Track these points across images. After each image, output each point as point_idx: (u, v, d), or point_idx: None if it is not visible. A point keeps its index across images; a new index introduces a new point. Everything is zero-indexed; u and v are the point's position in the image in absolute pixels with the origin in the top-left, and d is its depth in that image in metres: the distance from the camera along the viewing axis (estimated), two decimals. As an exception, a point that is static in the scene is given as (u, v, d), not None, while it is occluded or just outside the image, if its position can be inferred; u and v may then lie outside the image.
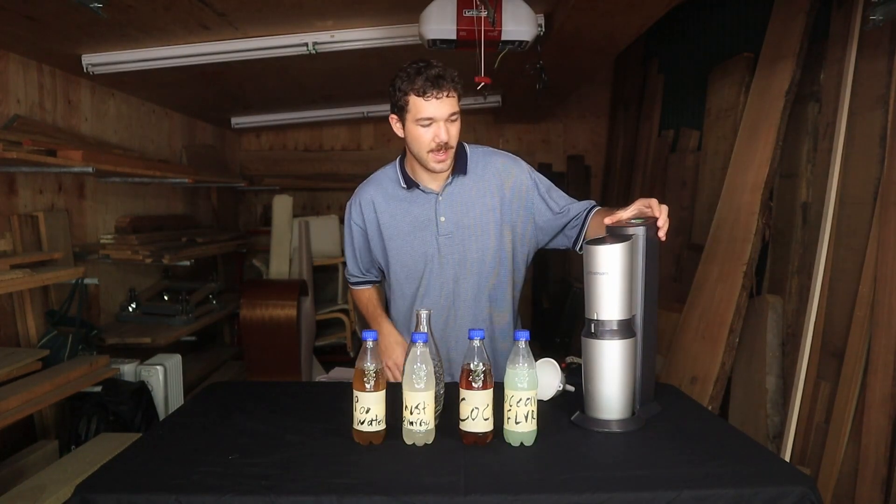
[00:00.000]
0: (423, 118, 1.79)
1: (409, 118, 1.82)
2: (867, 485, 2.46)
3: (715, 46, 4.15)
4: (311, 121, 5.93)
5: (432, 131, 1.80)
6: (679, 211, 4.40)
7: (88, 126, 3.75)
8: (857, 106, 2.78)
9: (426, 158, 1.84)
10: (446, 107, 1.78)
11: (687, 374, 3.50)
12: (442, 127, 1.79)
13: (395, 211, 1.96)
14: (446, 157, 1.83)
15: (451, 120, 1.80)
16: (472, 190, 1.93)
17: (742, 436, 1.55)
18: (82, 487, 1.23)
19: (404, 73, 1.81)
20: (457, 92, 1.80)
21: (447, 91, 1.77)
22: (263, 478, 1.26)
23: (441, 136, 1.79)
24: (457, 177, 1.92)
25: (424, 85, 1.76)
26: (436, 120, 1.79)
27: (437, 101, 1.77)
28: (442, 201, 1.92)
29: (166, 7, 2.83)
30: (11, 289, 2.65)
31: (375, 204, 1.98)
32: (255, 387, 2.16)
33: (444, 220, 1.91)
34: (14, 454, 2.77)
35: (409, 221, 1.94)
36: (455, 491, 1.22)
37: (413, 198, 1.94)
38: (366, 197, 2.00)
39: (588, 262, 1.52)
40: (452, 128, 1.82)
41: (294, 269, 4.85)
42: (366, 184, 2.04)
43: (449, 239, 1.92)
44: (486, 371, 1.41)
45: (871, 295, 2.58)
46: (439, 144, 1.80)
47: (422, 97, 1.77)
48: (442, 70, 1.78)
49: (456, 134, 1.83)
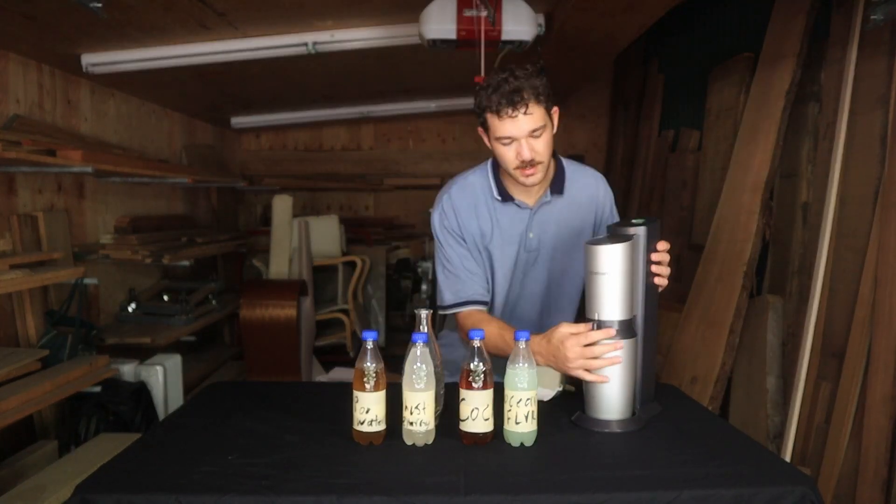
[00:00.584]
0: (503, 137, 1.67)
1: (490, 136, 1.71)
2: (867, 485, 2.46)
3: (715, 46, 4.15)
4: (311, 121, 5.94)
5: (514, 150, 1.67)
6: (679, 211, 4.40)
7: (88, 126, 3.74)
8: (857, 106, 2.78)
9: (514, 174, 1.72)
10: (526, 124, 1.64)
11: (687, 374, 3.50)
12: (524, 145, 1.66)
13: (487, 221, 1.83)
14: (534, 171, 1.70)
15: (533, 136, 1.66)
16: (565, 210, 1.83)
17: (742, 436, 1.55)
18: (82, 487, 1.23)
19: (483, 88, 1.68)
20: (540, 104, 1.65)
21: (524, 108, 1.63)
22: (263, 478, 1.26)
23: (524, 154, 1.66)
24: (554, 195, 1.81)
25: (500, 103, 1.63)
26: (516, 138, 1.66)
27: (512, 120, 1.64)
28: (535, 217, 1.82)
29: (166, 7, 2.83)
30: (11, 289, 2.65)
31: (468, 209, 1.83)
32: (255, 387, 2.16)
33: (532, 237, 1.83)
34: (14, 454, 2.77)
35: (500, 234, 1.83)
36: (455, 491, 1.22)
37: (506, 210, 1.82)
38: (459, 201, 1.83)
39: (588, 262, 1.52)
40: (537, 143, 1.67)
41: (294, 269, 4.85)
42: (454, 188, 1.86)
43: (531, 256, 1.84)
44: (486, 371, 1.41)
45: (871, 295, 2.58)
46: (523, 162, 1.68)
47: (498, 116, 1.65)
48: (521, 83, 1.63)
49: (543, 149, 1.68)
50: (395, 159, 6.59)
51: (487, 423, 1.43)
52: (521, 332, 1.45)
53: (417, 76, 4.58)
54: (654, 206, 4.83)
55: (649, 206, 4.86)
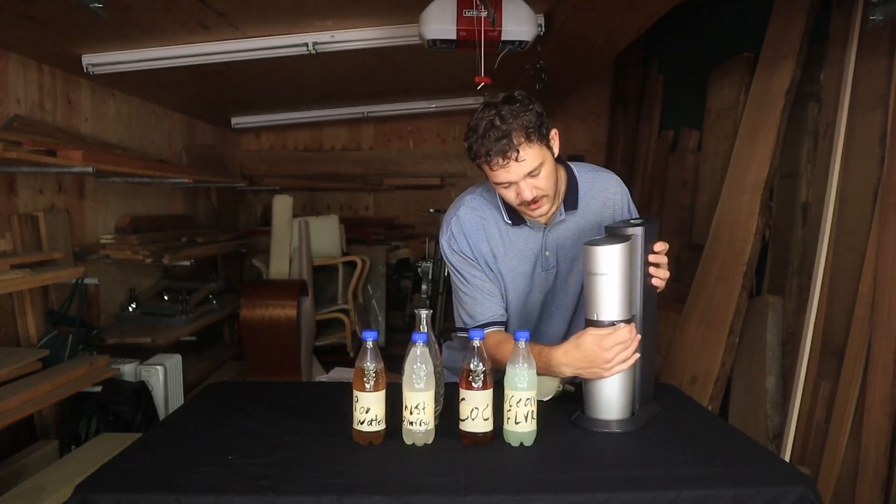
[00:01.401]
0: (500, 183, 1.62)
1: (489, 178, 1.65)
2: (867, 485, 2.46)
3: (715, 46, 4.15)
4: (311, 121, 5.94)
5: (513, 191, 1.62)
6: (679, 211, 4.40)
7: (88, 126, 3.75)
8: (857, 106, 2.78)
9: (521, 210, 1.68)
10: (520, 169, 1.57)
11: (687, 374, 3.50)
12: (523, 187, 1.59)
13: (499, 242, 1.77)
14: (539, 205, 1.64)
15: (531, 176, 1.59)
16: (581, 222, 1.78)
17: (742, 436, 1.55)
18: (82, 487, 1.23)
19: (471, 130, 1.59)
20: (533, 143, 1.56)
21: (515, 153, 1.55)
22: (263, 478, 1.26)
23: (524, 195, 1.60)
24: (568, 212, 1.75)
25: (489, 152, 1.56)
26: (513, 182, 1.60)
27: (505, 168, 1.57)
28: (549, 235, 1.76)
29: (166, 7, 2.83)
30: (11, 289, 2.65)
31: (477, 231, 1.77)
32: (255, 387, 2.16)
33: (549, 255, 1.77)
34: (14, 454, 2.77)
35: (514, 254, 1.77)
36: (455, 491, 1.22)
37: (518, 232, 1.76)
38: (468, 224, 1.77)
39: (587, 263, 1.52)
40: (539, 181, 1.60)
41: (294, 269, 4.85)
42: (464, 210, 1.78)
43: (550, 273, 1.79)
44: (485, 371, 1.41)
45: (871, 295, 2.58)
46: (525, 202, 1.63)
47: (489, 168, 1.59)
48: (508, 125, 1.54)
49: (545, 184, 1.61)
50: (395, 159, 6.59)
51: (487, 423, 1.43)
52: (520, 332, 1.45)
53: (417, 76, 4.58)
54: (654, 206, 4.83)
55: (649, 206, 4.87)
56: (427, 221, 6.36)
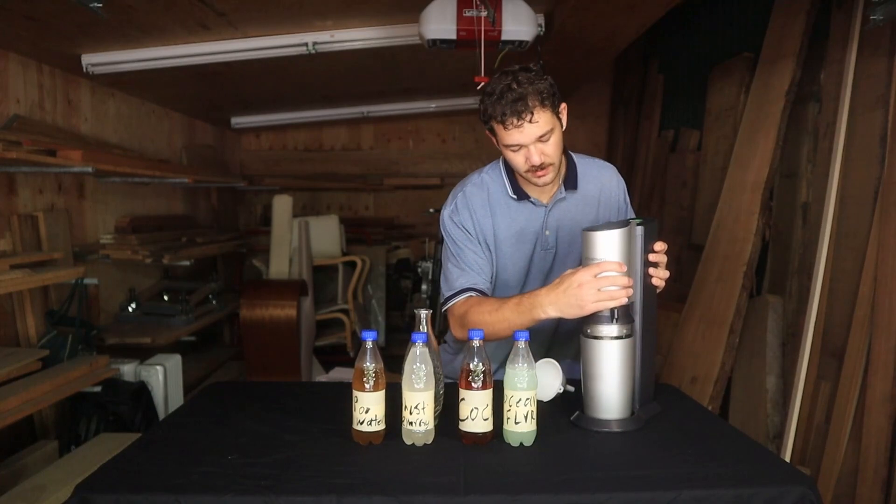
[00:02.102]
0: (511, 145, 1.66)
1: (499, 141, 1.70)
2: (867, 485, 2.46)
3: (715, 46, 4.15)
4: (311, 121, 5.94)
5: (523, 155, 1.66)
6: (679, 211, 4.40)
7: (88, 126, 3.75)
8: (857, 106, 2.78)
9: (526, 176, 1.73)
10: (533, 131, 1.62)
11: (687, 374, 3.50)
12: (532, 150, 1.65)
13: (502, 219, 1.80)
14: (545, 172, 1.69)
15: (541, 140, 1.65)
16: (580, 205, 1.83)
17: (742, 436, 1.55)
18: (82, 487, 1.23)
19: (486, 94, 1.65)
20: (546, 108, 1.62)
21: (529, 115, 1.61)
22: (263, 478, 1.26)
23: (533, 159, 1.65)
24: (568, 191, 1.81)
25: (504, 113, 1.61)
26: (524, 145, 1.65)
27: (518, 129, 1.62)
28: (550, 214, 1.80)
29: (166, 7, 2.83)
30: (11, 289, 2.65)
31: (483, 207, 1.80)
32: (255, 387, 2.16)
33: (549, 234, 1.82)
34: (14, 454, 2.77)
35: (515, 232, 1.80)
36: (455, 491, 1.22)
37: (521, 208, 1.80)
38: (474, 199, 1.80)
39: (586, 249, 1.52)
40: (547, 147, 1.66)
41: (294, 269, 4.85)
42: (468, 186, 1.83)
43: (548, 253, 1.82)
44: (485, 371, 1.41)
45: (871, 295, 2.58)
46: (534, 166, 1.67)
47: (503, 126, 1.63)
48: (524, 89, 1.60)
49: (553, 151, 1.67)
50: (395, 159, 6.59)
51: (487, 422, 1.43)
52: (520, 332, 1.45)
53: (417, 76, 4.58)
54: (654, 206, 4.83)
55: (649, 206, 4.87)
56: (427, 221, 6.36)
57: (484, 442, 1.43)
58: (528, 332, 1.46)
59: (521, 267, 1.83)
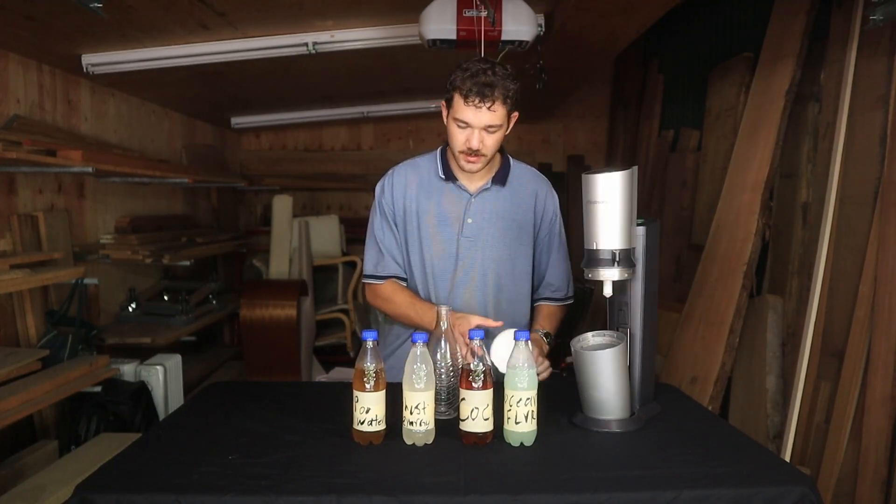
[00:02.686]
0: (460, 120, 1.76)
1: (451, 113, 1.78)
2: (867, 485, 2.46)
3: (715, 46, 4.15)
4: (311, 121, 5.93)
5: (465, 135, 1.77)
6: (679, 211, 4.40)
7: (88, 126, 3.74)
8: (857, 106, 2.78)
9: (458, 157, 1.82)
10: (485, 117, 1.73)
11: (687, 374, 3.50)
12: (475, 134, 1.75)
13: (426, 199, 1.91)
14: (476, 160, 1.80)
15: (488, 130, 1.76)
16: (506, 201, 1.91)
17: (742, 436, 1.55)
18: (82, 487, 1.23)
19: (461, 69, 1.76)
20: (505, 106, 1.74)
21: (490, 103, 1.71)
22: (263, 478, 1.26)
23: (472, 142, 1.76)
24: (495, 185, 1.90)
25: (471, 89, 1.71)
26: (472, 126, 1.75)
27: (476, 109, 1.72)
28: (474, 203, 1.89)
29: (166, 7, 2.83)
30: (11, 289, 2.65)
31: (408, 186, 1.91)
32: (255, 387, 2.16)
33: (471, 222, 1.89)
34: (14, 454, 2.77)
35: (436, 214, 1.90)
36: (455, 491, 1.22)
37: (447, 190, 1.90)
38: (400, 178, 1.93)
39: (587, 192, 1.51)
40: (488, 138, 1.77)
41: (294, 269, 4.85)
42: (402, 165, 1.97)
43: (471, 242, 1.89)
44: (485, 371, 1.41)
45: (871, 295, 2.58)
46: (469, 149, 1.77)
47: (464, 100, 1.73)
48: (495, 80, 1.72)
49: (492, 145, 1.78)
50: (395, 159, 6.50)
51: (487, 422, 1.43)
52: (521, 332, 1.45)
53: (417, 76, 4.58)
54: (654, 206, 4.83)
55: (649, 206, 4.87)
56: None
57: (484, 442, 1.43)
58: (527, 332, 1.46)
59: (443, 249, 1.90)
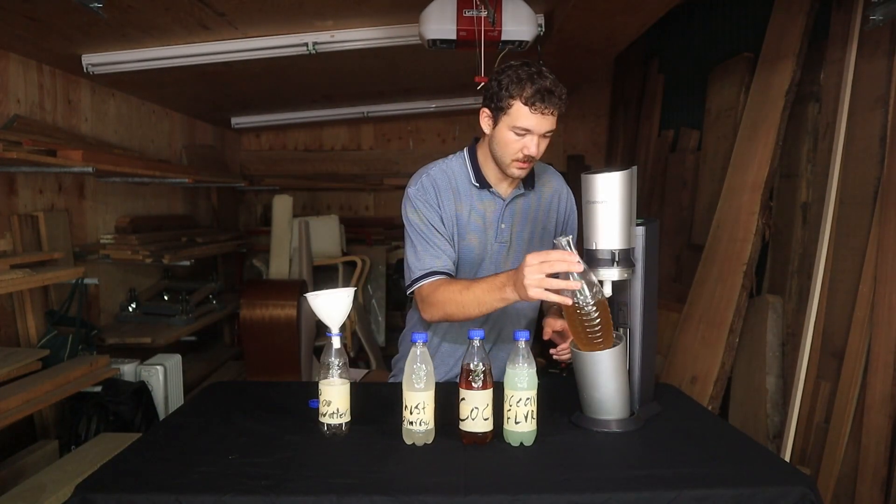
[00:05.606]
0: (521, 128, 1.69)
1: (505, 121, 1.71)
2: (867, 485, 2.46)
3: (715, 46, 4.15)
4: (311, 121, 5.93)
5: (524, 142, 1.70)
6: (679, 211, 4.40)
7: (88, 126, 3.74)
8: (857, 106, 2.78)
9: (508, 164, 1.75)
10: (547, 123, 1.69)
11: (687, 374, 3.50)
12: (535, 141, 1.70)
13: (464, 205, 1.84)
14: (529, 166, 1.76)
15: (545, 136, 1.72)
16: (534, 203, 1.90)
17: (742, 436, 1.55)
18: (82, 487, 1.23)
19: (515, 73, 1.68)
20: (560, 110, 1.70)
21: (552, 109, 1.67)
22: (263, 478, 1.26)
23: (531, 149, 1.70)
24: (527, 188, 1.87)
25: (535, 96, 1.65)
26: (533, 133, 1.69)
27: (541, 116, 1.67)
28: (508, 208, 1.85)
29: (166, 7, 2.83)
30: (11, 289, 2.65)
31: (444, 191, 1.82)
32: (255, 387, 2.16)
33: (504, 228, 1.86)
34: (14, 454, 2.77)
35: (474, 219, 1.84)
36: (455, 491, 1.22)
37: (482, 197, 1.84)
38: (441, 182, 1.83)
39: (586, 192, 1.51)
40: (543, 143, 1.73)
41: (294, 269, 4.85)
42: (436, 170, 1.85)
43: (503, 247, 1.86)
44: (485, 371, 1.41)
45: (871, 295, 2.58)
46: (526, 157, 1.72)
47: (528, 107, 1.67)
48: (553, 84, 1.67)
49: (544, 149, 1.74)
50: (395, 159, 6.59)
51: (487, 422, 1.43)
52: (520, 332, 1.45)
53: (417, 76, 4.58)
54: (654, 206, 4.83)
55: (649, 206, 4.87)
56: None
57: (484, 442, 1.43)
58: (527, 331, 1.46)
59: (476, 255, 1.85)
